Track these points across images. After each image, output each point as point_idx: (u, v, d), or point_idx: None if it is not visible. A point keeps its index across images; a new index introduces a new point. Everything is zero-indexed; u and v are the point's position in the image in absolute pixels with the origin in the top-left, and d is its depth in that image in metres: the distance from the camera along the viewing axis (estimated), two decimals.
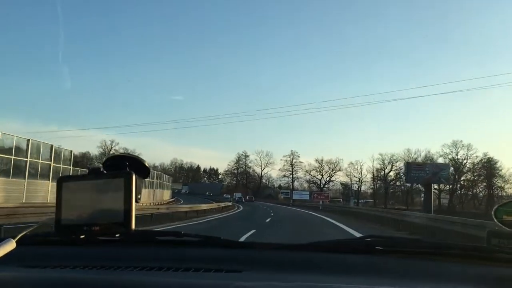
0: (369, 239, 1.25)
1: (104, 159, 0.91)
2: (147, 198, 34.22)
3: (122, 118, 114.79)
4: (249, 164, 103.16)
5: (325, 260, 1.11)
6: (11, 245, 0.81)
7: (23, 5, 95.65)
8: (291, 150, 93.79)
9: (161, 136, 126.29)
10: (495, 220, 1.37)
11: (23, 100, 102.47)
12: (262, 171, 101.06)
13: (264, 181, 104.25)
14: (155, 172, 50.73)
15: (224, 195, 77.44)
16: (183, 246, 1.26)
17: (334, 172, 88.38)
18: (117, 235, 0.96)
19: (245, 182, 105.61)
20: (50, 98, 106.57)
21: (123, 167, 0.86)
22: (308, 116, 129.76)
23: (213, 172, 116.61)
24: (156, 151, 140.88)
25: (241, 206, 46.14)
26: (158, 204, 28.46)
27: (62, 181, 0.86)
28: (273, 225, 18.53)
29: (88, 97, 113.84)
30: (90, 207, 0.83)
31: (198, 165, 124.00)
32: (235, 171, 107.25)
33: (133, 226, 0.80)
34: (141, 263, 1.11)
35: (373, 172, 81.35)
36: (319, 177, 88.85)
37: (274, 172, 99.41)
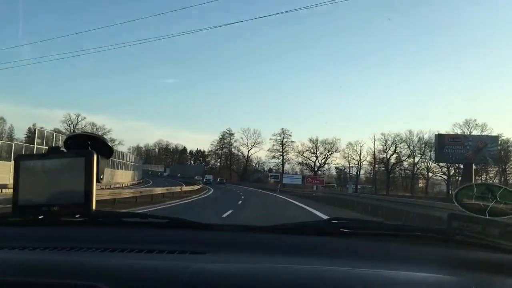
0: (334, 221, 1.29)
1: (65, 137, 0.89)
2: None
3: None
4: (234, 144, 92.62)
5: (290, 242, 1.12)
6: None
7: None
8: (282, 129, 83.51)
9: (149, 119, 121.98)
10: (456, 203, 1.41)
11: None
12: (248, 151, 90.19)
13: (254, 164, 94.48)
14: (118, 151, 46.94)
15: (196, 177, 72.93)
16: (148, 227, 1.24)
17: (330, 154, 78.29)
18: (77, 216, 0.94)
19: (229, 163, 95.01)
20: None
21: (84, 146, 0.84)
22: (301, 91, 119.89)
23: (199, 154, 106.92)
24: (145, 133, 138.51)
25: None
26: (111, 188, 26.61)
27: (19, 160, 0.84)
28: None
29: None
30: (50, 187, 0.82)
31: (184, 147, 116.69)
32: (219, 152, 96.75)
33: (94, 207, 0.81)
34: (103, 245, 1.08)
35: (374, 154, 72.39)
36: (313, 158, 78.78)
37: (263, 153, 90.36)
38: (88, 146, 0.85)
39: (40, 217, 0.86)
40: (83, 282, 0.82)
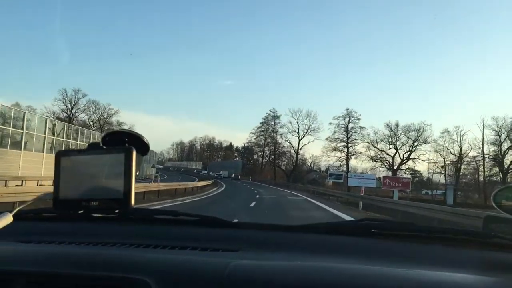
0: (364, 222, 1.26)
1: (103, 134, 0.91)
2: None
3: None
4: (280, 131, 69.82)
5: (320, 242, 1.13)
6: (8, 219, 0.81)
7: None
8: (347, 109, 60.74)
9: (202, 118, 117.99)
10: (494, 204, 1.36)
11: None
12: (300, 140, 66.58)
13: (306, 159, 72.44)
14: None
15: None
16: (179, 225, 1.28)
17: (417, 145, 55.54)
18: (116, 211, 0.94)
19: (272, 157, 71.89)
20: None
21: (122, 142, 0.86)
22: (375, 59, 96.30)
23: (246, 151, 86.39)
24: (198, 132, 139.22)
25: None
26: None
27: (60, 155, 0.85)
28: None
29: None
30: (89, 182, 0.83)
31: (230, 143, 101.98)
32: (262, 142, 74.11)
33: (133, 203, 0.81)
34: (137, 241, 1.12)
35: (482, 146, 48.69)
36: (392, 151, 56.55)
37: (319, 145, 67.58)
38: (125, 142, 0.85)
39: (79, 212, 0.84)
40: (126, 275, 0.84)
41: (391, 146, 56.31)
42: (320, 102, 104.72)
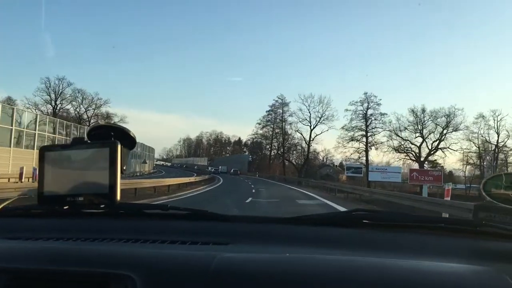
0: (355, 212, 1.25)
1: (88, 128, 0.90)
2: None
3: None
4: (289, 119, 61.55)
5: (312, 233, 1.12)
6: None
7: None
8: (365, 94, 51.86)
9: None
10: (483, 193, 1.39)
11: None
12: (312, 129, 57.90)
13: (321, 155, 65.16)
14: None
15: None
16: (169, 219, 1.26)
17: (446, 133, 47.78)
18: (102, 207, 0.95)
19: (281, 151, 63.46)
20: None
21: (108, 137, 0.85)
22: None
23: (255, 145, 78.84)
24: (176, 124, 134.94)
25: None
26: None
27: (44, 150, 0.85)
28: None
29: None
30: (74, 177, 0.83)
31: (239, 138, 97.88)
32: (270, 133, 65.82)
33: (118, 198, 0.82)
34: (126, 235, 1.10)
35: None
36: (418, 141, 48.57)
37: (333, 137, 60.25)
38: (111, 137, 0.85)
39: (65, 207, 0.85)
40: (112, 270, 0.83)
41: (417, 134, 48.59)
42: (333, 88, 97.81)
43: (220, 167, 68.39)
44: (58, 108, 53.79)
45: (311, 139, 58.27)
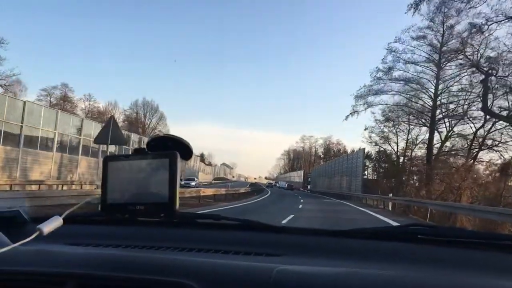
0: (410, 227, 1.23)
1: (148, 139, 0.94)
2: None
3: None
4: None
5: (365, 247, 1.11)
6: (58, 222, 0.85)
7: None
8: None
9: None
10: None
11: None
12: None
13: None
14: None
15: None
16: (222, 229, 1.28)
17: None
18: (161, 215, 0.98)
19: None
20: None
21: (166, 147, 0.88)
22: None
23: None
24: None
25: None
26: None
27: (107, 160, 0.89)
28: None
29: None
30: (135, 187, 0.86)
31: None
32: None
33: (177, 207, 0.84)
34: (181, 244, 1.13)
35: None
36: None
37: None
38: (168, 147, 0.87)
39: (126, 215, 0.88)
40: (171, 279, 0.85)
41: None
42: None
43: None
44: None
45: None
